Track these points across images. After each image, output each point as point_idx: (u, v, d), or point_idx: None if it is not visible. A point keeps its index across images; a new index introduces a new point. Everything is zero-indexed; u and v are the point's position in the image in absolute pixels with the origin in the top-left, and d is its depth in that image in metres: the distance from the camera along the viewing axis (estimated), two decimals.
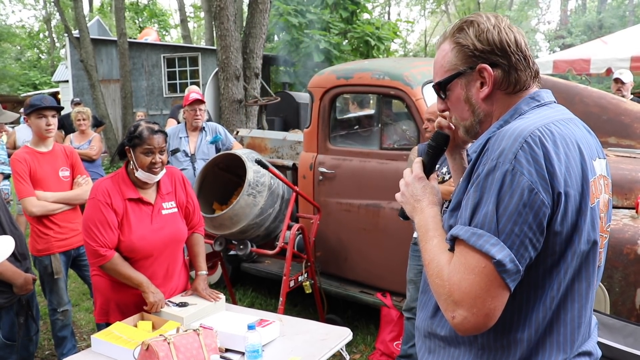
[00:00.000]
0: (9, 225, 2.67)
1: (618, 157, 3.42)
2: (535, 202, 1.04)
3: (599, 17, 22.47)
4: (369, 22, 13.88)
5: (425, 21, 37.08)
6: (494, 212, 1.06)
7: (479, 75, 1.21)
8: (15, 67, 29.16)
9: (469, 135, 1.29)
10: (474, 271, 1.07)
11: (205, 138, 4.54)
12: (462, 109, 1.26)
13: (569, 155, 1.10)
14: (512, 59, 1.19)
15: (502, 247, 1.05)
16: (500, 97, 1.22)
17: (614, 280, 2.80)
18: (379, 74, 3.77)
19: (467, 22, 1.22)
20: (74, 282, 4.99)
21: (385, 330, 3.72)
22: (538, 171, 1.05)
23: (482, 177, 1.09)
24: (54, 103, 3.36)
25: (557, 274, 1.12)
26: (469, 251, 1.08)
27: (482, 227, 1.07)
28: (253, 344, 2.02)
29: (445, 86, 1.26)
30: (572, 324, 1.15)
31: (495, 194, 1.06)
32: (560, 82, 3.94)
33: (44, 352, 3.91)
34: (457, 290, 1.08)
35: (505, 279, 1.05)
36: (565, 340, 1.15)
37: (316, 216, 3.90)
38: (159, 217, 2.56)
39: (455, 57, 1.22)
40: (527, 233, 1.05)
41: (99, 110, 12.93)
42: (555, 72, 8.40)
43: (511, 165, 1.05)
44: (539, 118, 1.14)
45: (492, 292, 1.06)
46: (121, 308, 2.55)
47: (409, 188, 1.33)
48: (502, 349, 1.16)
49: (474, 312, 1.07)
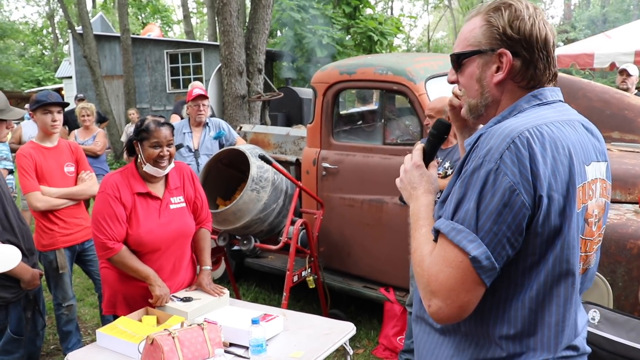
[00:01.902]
0: (16, 220, 2.69)
1: (621, 152, 3.42)
2: (516, 203, 1.06)
3: (603, 11, 22.36)
4: (371, 17, 13.84)
5: (428, 16, 36.99)
6: (474, 209, 1.08)
7: (498, 59, 1.19)
8: (19, 64, 29.18)
9: (471, 114, 1.29)
10: (451, 265, 1.10)
11: (209, 134, 4.55)
12: (472, 87, 1.25)
13: (557, 158, 1.10)
14: (535, 54, 1.18)
15: (479, 244, 1.07)
16: (511, 88, 1.21)
17: (617, 275, 2.80)
18: (382, 69, 3.77)
19: (505, 4, 1.19)
20: (79, 277, 5.02)
21: (388, 325, 3.73)
22: (522, 172, 1.06)
23: (468, 173, 1.11)
24: (60, 99, 3.38)
25: (536, 274, 1.13)
26: (448, 245, 1.11)
27: (463, 223, 1.10)
28: (257, 338, 2.03)
29: (463, 59, 1.25)
30: (557, 327, 1.16)
31: (477, 192, 1.08)
32: (563, 76, 3.93)
33: (49, 346, 3.94)
34: (434, 280, 1.12)
35: (480, 274, 1.08)
36: (549, 342, 1.16)
37: (319, 211, 3.90)
38: (167, 212, 2.58)
39: (482, 34, 1.21)
40: (506, 232, 1.07)
41: (102, 106, 12.95)
42: (559, 66, 8.37)
43: (496, 164, 1.07)
44: (533, 118, 1.14)
45: (467, 286, 1.09)
46: (128, 301, 2.58)
47: (407, 175, 1.35)
48: (483, 339, 1.18)
49: (448, 304, 1.11)
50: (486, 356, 1.18)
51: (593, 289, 2.59)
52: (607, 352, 2.16)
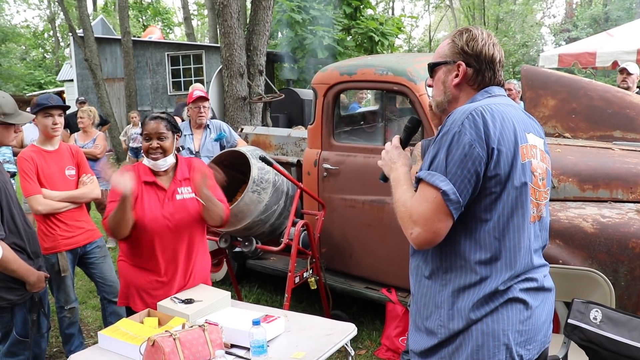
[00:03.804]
0: (22, 224, 2.70)
1: (623, 151, 3.41)
2: (473, 154, 1.46)
3: (605, 9, 22.29)
4: (372, 18, 13.84)
5: (429, 16, 36.95)
6: (444, 159, 1.48)
7: (457, 68, 1.64)
8: (20, 67, 29.25)
9: (438, 109, 1.72)
10: (428, 200, 1.49)
11: (210, 135, 4.55)
12: (439, 88, 1.70)
13: (504, 125, 1.51)
14: (483, 66, 1.62)
15: (448, 183, 1.46)
16: (466, 88, 1.66)
17: (619, 274, 2.80)
18: (383, 69, 3.77)
19: (466, 30, 1.65)
20: (81, 280, 5.02)
21: (390, 325, 3.72)
22: (477, 133, 1.47)
23: (439, 138, 1.53)
24: (61, 102, 3.39)
25: (496, 209, 1.51)
26: (425, 186, 1.51)
27: (436, 170, 1.49)
28: (258, 339, 2.03)
29: (434, 67, 1.70)
30: (514, 249, 1.54)
31: (446, 148, 1.49)
32: (565, 76, 3.92)
33: (52, 349, 3.95)
34: (414, 212, 1.51)
35: (449, 206, 1.46)
36: (510, 262, 1.54)
37: (321, 212, 3.90)
38: (172, 202, 2.64)
39: (448, 50, 1.66)
40: (466, 175, 1.46)
41: (104, 109, 12.98)
42: (561, 66, 8.35)
43: (458, 128, 1.48)
44: (485, 102, 1.57)
45: (439, 216, 1.48)
46: (140, 293, 2.66)
47: (388, 154, 1.76)
48: (461, 269, 1.55)
49: (425, 229, 1.49)
50: (465, 282, 1.54)
51: (595, 288, 2.58)
52: (609, 351, 2.15)
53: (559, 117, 3.73)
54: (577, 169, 3.28)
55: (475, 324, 1.53)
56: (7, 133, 2.74)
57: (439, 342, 1.58)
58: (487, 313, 1.53)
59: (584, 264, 2.83)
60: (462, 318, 1.54)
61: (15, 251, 2.55)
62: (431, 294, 1.62)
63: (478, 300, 1.52)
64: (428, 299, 1.63)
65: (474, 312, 1.53)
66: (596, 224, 2.90)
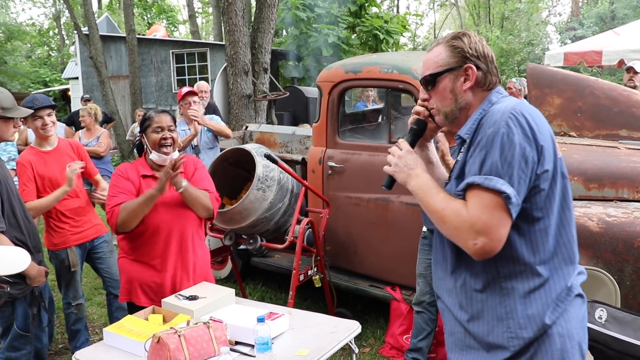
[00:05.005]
0: (23, 218, 2.71)
1: (629, 150, 3.39)
2: (526, 153, 1.41)
3: (612, 7, 22.15)
4: (377, 16, 13.81)
5: (434, 14, 36.87)
6: (498, 162, 1.41)
7: (464, 72, 1.57)
8: (26, 65, 29.32)
9: (447, 120, 1.63)
10: (489, 206, 1.41)
11: (205, 129, 4.62)
12: (446, 97, 1.60)
13: (539, 122, 1.47)
14: (489, 66, 1.59)
15: (508, 186, 1.39)
16: (477, 92, 1.59)
17: (624, 273, 2.79)
18: (388, 67, 3.76)
19: (462, 34, 1.61)
20: (86, 277, 5.04)
21: (394, 323, 3.72)
22: (524, 132, 1.42)
23: (484, 141, 1.44)
24: (47, 102, 3.32)
25: (547, 205, 1.47)
26: (482, 192, 1.42)
27: (491, 173, 1.41)
28: (262, 336, 2.04)
29: (436, 78, 1.60)
30: (569, 243, 1.53)
31: (498, 149, 1.41)
32: (571, 74, 3.90)
33: (58, 345, 3.97)
34: (477, 221, 1.41)
35: (510, 209, 1.40)
36: (569, 257, 1.52)
37: (325, 210, 3.90)
38: (172, 194, 2.67)
39: (448, 56, 1.59)
40: (522, 176, 1.41)
41: (109, 107, 13.02)
42: (567, 64, 8.31)
43: (505, 129, 1.42)
44: (510, 102, 1.52)
45: (503, 222, 1.41)
46: (143, 288, 2.69)
47: (402, 160, 1.64)
48: (523, 274, 1.48)
49: (491, 238, 1.40)
50: (530, 287, 1.48)
51: (600, 287, 2.58)
52: (615, 351, 2.15)
53: (565, 115, 3.72)
54: (583, 167, 3.26)
55: (550, 327, 1.48)
56: (6, 127, 2.75)
57: (511, 355, 1.49)
58: (560, 314, 1.48)
59: (589, 263, 2.82)
60: (535, 324, 1.47)
61: (16, 245, 2.57)
62: (489, 307, 1.52)
63: (551, 302, 1.48)
64: (486, 313, 1.53)
65: (548, 316, 1.47)
66: (602, 223, 2.89)
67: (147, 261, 2.69)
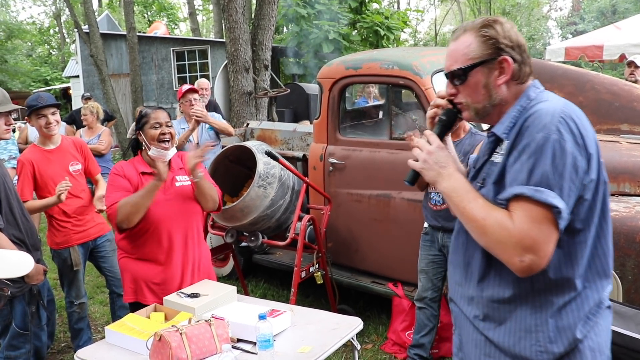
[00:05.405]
0: (21, 217, 2.71)
1: (631, 144, 3.38)
2: (578, 164, 1.30)
3: (613, 2, 22.10)
4: (378, 12, 13.77)
5: (435, 10, 36.74)
6: (550, 172, 1.29)
7: (499, 65, 1.41)
8: (26, 64, 29.34)
9: (477, 116, 1.49)
10: (538, 220, 1.29)
11: (206, 126, 4.61)
12: (479, 93, 1.45)
13: (586, 126, 1.35)
14: (524, 56, 1.43)
15: (560, 200, 1.28)
16: (512, 86, 1.44)
17: (626, 268, 2.78)
18: (388, 63, 3.75)
19: (493, 21, 1.43)
20: (89, 276, 5.05)
21: (397, 320, 3.73)
22: (575, 139, 1.30)
23: (532, 147, 1.31)
24: (52, 100, 3.33)
25: (588, 216, 1.37)
26: (532, 205, 1.29)
27: (541, 184, 1.29)
28: (264, 333, 2.04)
29: (467, 72, 1.43)
30: (605, 255, 1.42)
31: (550, 158, 1.29)
32: (572, 69, 3.89)
33: (60, 344, 3.98)
34: (526, 237, 1.29)
35: (559, 224, 1.29)
36: (603, 270, 1.42)
37: (327, 207, 3.90)
38: (173, 188, 2.69)
39: (480, 47, 1.41)
40: (571, 187, 1.30)
41: (110, 105, 13.00)
42: (568, 59, 8.28)
43: (557, 135, 1.29)
44: (555, 102, 1.39)
45: (553, 237, 1.30)
46: (149, 285, 2.67)
47: (433, 156, 1.47)
48: (557, 287, 1.38)
49: (541, 255, 1.29)
50: (565, 300, 1.38)
51: None
52: (617, 345, 2.14)
53: None
54: None
55: (581, 342, 1.39)
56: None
57: None
58: (591, 327, 1.40)
59: None
60: (566, 339, 1.38)
61: (14, 243, 2.57)
62: (517, 317, 1.42)
63: (583, 315, 1.39)
64: (513, 323, 1.43)
65: (579, 330, 1.39)
66: None
67: (151, 258, 2.67)
